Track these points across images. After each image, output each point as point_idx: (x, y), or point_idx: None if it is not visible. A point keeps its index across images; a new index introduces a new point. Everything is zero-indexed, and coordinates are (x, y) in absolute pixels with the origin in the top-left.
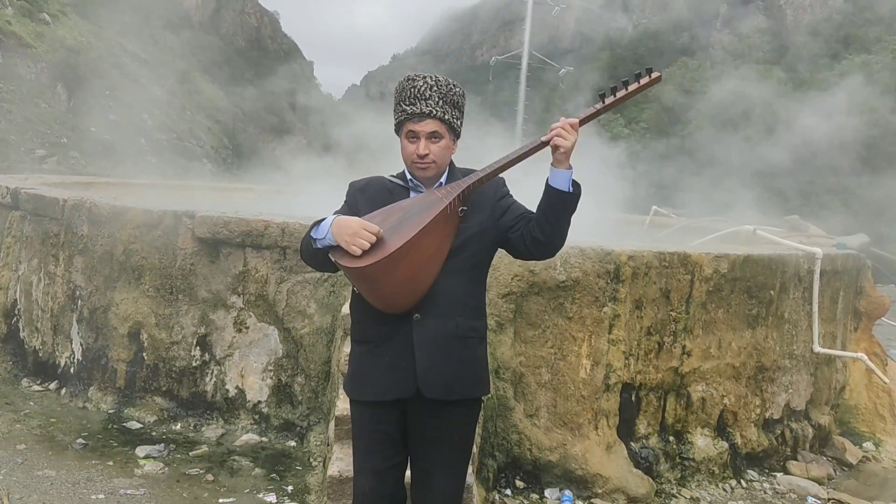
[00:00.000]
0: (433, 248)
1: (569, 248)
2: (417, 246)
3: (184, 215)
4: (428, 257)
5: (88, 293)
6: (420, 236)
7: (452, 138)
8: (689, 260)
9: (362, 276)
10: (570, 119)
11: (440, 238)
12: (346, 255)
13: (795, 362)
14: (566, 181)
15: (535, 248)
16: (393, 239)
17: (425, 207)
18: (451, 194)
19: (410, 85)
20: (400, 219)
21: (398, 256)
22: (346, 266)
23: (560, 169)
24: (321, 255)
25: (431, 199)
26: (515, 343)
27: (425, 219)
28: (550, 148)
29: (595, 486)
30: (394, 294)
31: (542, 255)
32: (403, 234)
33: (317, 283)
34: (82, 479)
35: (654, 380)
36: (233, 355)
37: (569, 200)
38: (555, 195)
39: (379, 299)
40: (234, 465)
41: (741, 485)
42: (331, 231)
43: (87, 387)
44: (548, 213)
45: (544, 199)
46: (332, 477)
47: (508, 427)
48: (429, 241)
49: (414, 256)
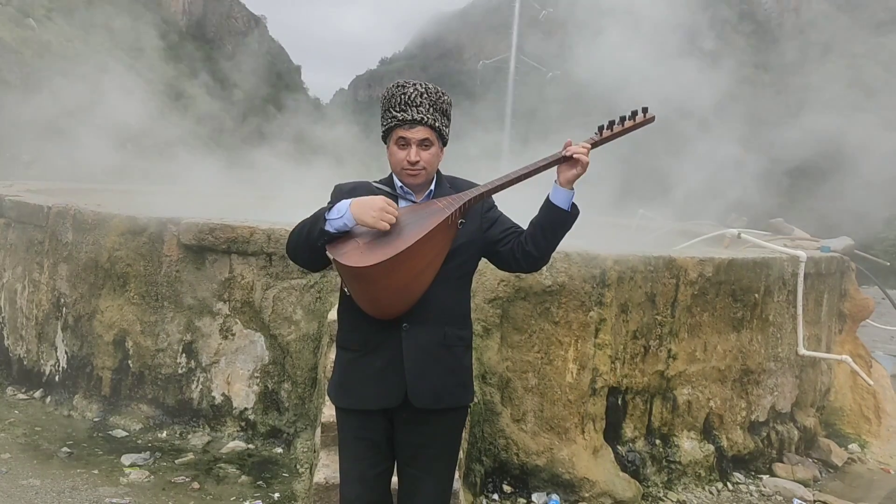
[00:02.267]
0: (431, 256)
1: (555, 253)
2: (418, 252)
3: (169, 222)
4: (425, 265)
5: (73, 301)
6: (422, 243)
7: (441, 146)
8: (675, 264)
9: (360, 277)
10: (584, 143)
11: (438, 248)
12: (345, 256)
13: (780, 365)
14: (567, 200)
15: (525, 261)
16: (397, 241)
17: (428, 215)
18: (453, 206)
19: (401, 91)
20: (401, 223)
21: (400, 260)
22: (346, 265)
23: (566, 189)
24: (318, 248)
25: (433, 208)
26: (502, 348)
27: (427, 226)
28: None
29: (582, 489)
30: (387, 299)
31: (530, 269)
32: (408, 237)
33: (303, 289)
34: (67, 487)
35: (641, 383)
36: (219, 362)
37: (567, 219)
38: (555, 212)
39: (371, 303)
40: (220, 473)
41: (727, 487)
42: (349, 211)
43: (72, 395)
44: (545, 229)
45: (543, 215)
46: (318, 484)
47: (495, 432)
48: (428, 249)
49: (413, 262)
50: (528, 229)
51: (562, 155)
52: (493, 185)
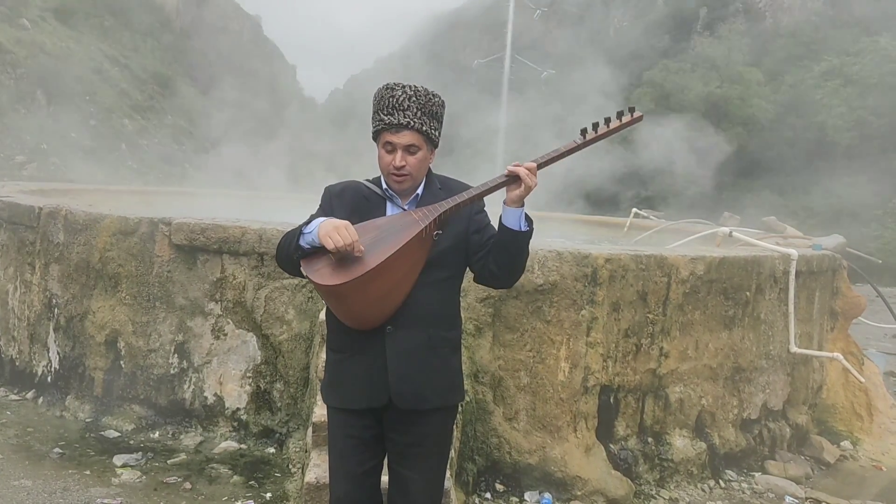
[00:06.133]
0: (405, 269)
1: (546, 252)
2: (390, 268)
3: (160, 222)
4: (399, 279)
5: (65, 301)
6: (393, 259)
7: (430, 149)
8: (666, 262)
9: (333, 294)
10: (529, 163)
11: (412, 261)
12: (317, 273)
13: (772, 363)
14: (518, 219)
15: (492, 280)
16: (367, 259)
17: (401, 228)
18: (428, 217)
19: (389, 94)
20: (374, 238)
21: (370, 277)
22: (318, 283)
23: (513, 208)
24: (297, 260)
25: (408, 221)
26: (494, 347)
27: (400, 240)
28: (507, 188)
29: (574, 488)
30: (363, 312)
31: (499, 286)
32: (377, 254)
33: (295, 289)
34: (59, 488)
35: (633, 381)
36: (211, 362)
37: (521, 238)
38: (509, 234)
39: (347, 315)
40: (212, 473)
41: (720, 485)
42: (317, 229)
43: (64, 395)
44: (502, 250)
45: (498, 237)
46: (309, 483)
47: (488, 431)
48: (401, 263)
49: (385, 278)
50: (492, 248)
51: (505, 176)
52: (470, 194)
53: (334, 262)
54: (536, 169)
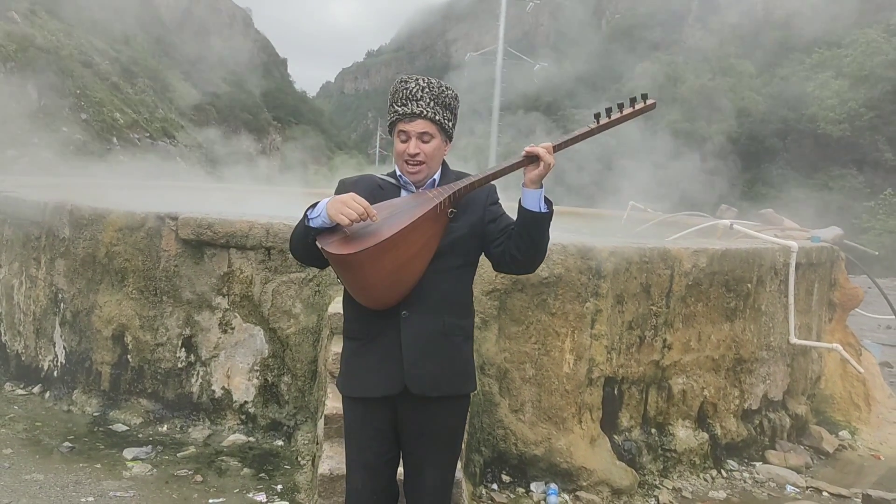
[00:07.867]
0: (420, 244)
1: (551, 245)
2: (405, 240)
3: (167, 217)
4: (414, 253)
5: (71, 296)
6: (409, 230)
7: (444, 139)
8: (669, 255)
9: (348, 265)
10: (546, 144)
11: (427, 235)
12: (332, 244)
13: (772, 354)
14: (538, 201)
15: (514, 265)
16: (382, 230)
17: (416, 205)
18: (442, 195)
19: (403, 86)
20: (390, 213)
21: (384, 248)
22: (333, 253)
23: (532, 189)
24: (312, 244)
25: (422, 198)
26: (500, 339)
27: (415, 214)
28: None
29: (580, 478)
30: (376, 287)
31: (522, 272)
32: (392, 226)
33: (302, 282)
34: (71, 482)
35: (636, 373)
36: (218, 356)
37: (542, 219)
38: (529, 216)
39: (361, 292)
40: (222, 466)
41: (721, 475)
42: (325, 210)
43: (71, 390)
44: (523, 234)
45: (519, 220)
46: (322, 475)
47: (494, 422)
48: (416, 237)
49: (400, 250)
50: (512, 232)
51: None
52: (485, 174)
53: (349, 235)
54: (553, 150)
